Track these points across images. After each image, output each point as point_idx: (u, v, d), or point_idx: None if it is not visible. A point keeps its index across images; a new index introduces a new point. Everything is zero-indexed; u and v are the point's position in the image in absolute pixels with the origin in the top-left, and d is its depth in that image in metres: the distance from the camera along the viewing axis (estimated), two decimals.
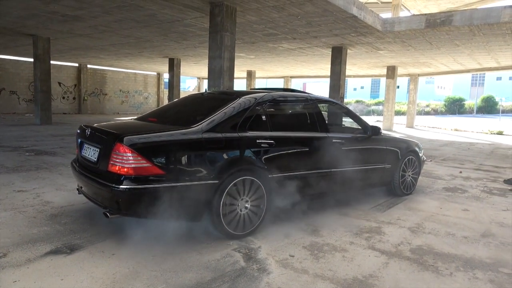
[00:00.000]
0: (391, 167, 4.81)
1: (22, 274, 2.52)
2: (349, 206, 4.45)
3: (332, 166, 4.04)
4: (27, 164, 6.25)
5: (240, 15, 8.39)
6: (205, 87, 17.29)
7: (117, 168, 2.87)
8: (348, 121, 5.82)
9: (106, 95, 24.70)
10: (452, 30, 9.44)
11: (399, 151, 4.92)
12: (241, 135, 3.34)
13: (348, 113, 4.69)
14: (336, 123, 6.58)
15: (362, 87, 71.52)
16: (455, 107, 44.30)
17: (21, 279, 2.45)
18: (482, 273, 2.81)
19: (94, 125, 3.45)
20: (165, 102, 26.82)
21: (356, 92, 69.70)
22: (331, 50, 12.86)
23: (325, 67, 17.99)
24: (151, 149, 2.93)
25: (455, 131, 19.20)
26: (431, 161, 8.40)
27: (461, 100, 45.47)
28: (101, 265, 2.70)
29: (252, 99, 3.59)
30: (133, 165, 2.83)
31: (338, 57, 12.75)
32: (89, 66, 23.13)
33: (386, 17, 10.16)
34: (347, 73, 18.98)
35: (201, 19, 9.24)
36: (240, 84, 29.86)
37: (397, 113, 33.57)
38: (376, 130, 4.56)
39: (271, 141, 3.50)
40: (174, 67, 17.98)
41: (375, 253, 3.12)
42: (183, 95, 19.81)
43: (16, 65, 20.05)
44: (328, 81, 14.00)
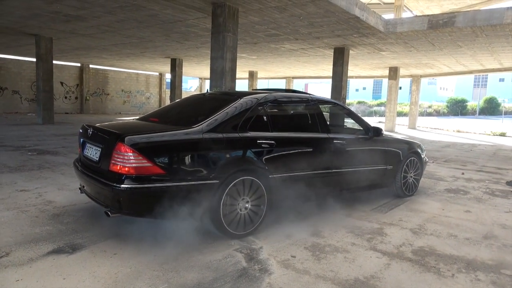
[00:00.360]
0: (393, 168, 4.80)
1: (24, 273, 2.52)
2: (351, 207, 4.44)
3: (333, 167, 4.04)
4: (29, 163, 6.27)
5: (242, 15, 8.40)
6: (207, 88, 17.31)
7: (118, 167, 2.88)
8: (350, 122, 5.81)
9: (108, 95, 24.75)
10: (454, 31, 9.43)
11: (401, 152, 4.91)
12: (242, 135, 3.35)
13: (349, 114, 4.69)
14: (337, 124, 6.57)
15: (364, 88, 71.49)
16: (458, 108, 44.17)
17: (23, 278, 2.45)
18: (484, 275, 2.81)
19: (96, 125, 3.46)
20: (167, 102, 26.85)
21: (358, 93, 69.66)
22: (333, 51, 12.86)
23: (327, 68, 17.98)
24: (152, 148, 2.94)
25: (457, 133, 19.16)
26: (433, 162, 8.38)
27: (463, 101, 45.34)
28: (103, 264, 2.70)
29: (253, 100, 3.59)
30: (134, 165, 2.84)
31: (340, 58, 12.74)
32: (91, 66, 23.19)
33: (388, 18, 10.15)
34: (349, 74, 18.97)
35: (203, 20, 9.25)
36: (242, 84, 29.88)
37: (399, 114, 33.55)
38: (377, 131, 4.55)
39: (272, 142, 3.50)
40: (176, 67, 18.00)
41: (377, 254, 3.11)
42: (185, 95, 19.85)
43: (18, 65, 20.12)
44: (330, 82, 13.99)
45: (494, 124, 27.39)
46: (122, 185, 2.81)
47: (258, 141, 3.41)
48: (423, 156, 5.33)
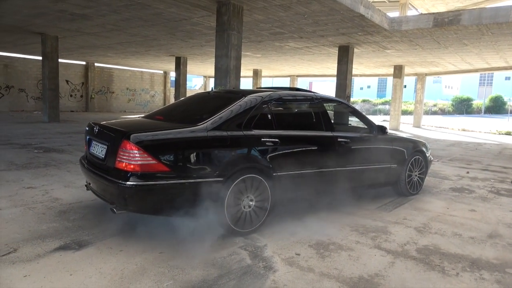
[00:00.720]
0: (397, 166, 4.79)
1: (32, 269, 2.56)
2: (355, 205, 4.45)
3: (337, 165, 4.04)
4: (35, 161, 6.32)
5: (246, 14, 8.40)
6: (211, 86, 17.34)
7: (123, 165, 2.91)
8: (354, 121, 5.80)
9: (113, 93, 24.85)
10: (460, 29, 9.36)
11: (405, 151, 4.90)
12: (246, 133, 3.36)
13: (354, 113, 4.68)
14: (342, 122, 6.57)
15: (368, 87, 71.15)
16: (463, 107, 43.88)
17: (31, 274, 2.49)
18: (488, 274, 2.80)
19: (102, 123, 3.49)
20: (172, 100, 26.93)
21: (362, 91, 69.36)
22: (337, 49, 12.82)
23: (331, 66, 17.93)
24: (157, 146, 2.97)
25: (462, 131, 19.04)
26: (438, 161, 8.35)
27: (469, 100, 45.03)
28: (109, 261, 2.73)
29: (258, 98, 3.60)
30: (139, 162, 2.87)
31: (344, 56, 12.70)
32: (96, 64, 23.28)
33: (393, 16, 10.10)
34: (354, 72, 18.89)
35: (208, 18, 9.26)
36: (246, 83, 29.82)
37: (404, 113, 33.34)
38: (382, 129, 4.55)
39: (276, 140, 3.51)
40: (180, 65, 18.04)
41: (381, 252, 3.12)
42: (189, 93, 19.89)
43: (24, 63, 20.26)
44: (334, 80, 13.96)
45: (499, 122, 27.20)
46: (127, 182, 2.84)
47: (262, 139, 3.43)
48: (428, 154, 5.31)
